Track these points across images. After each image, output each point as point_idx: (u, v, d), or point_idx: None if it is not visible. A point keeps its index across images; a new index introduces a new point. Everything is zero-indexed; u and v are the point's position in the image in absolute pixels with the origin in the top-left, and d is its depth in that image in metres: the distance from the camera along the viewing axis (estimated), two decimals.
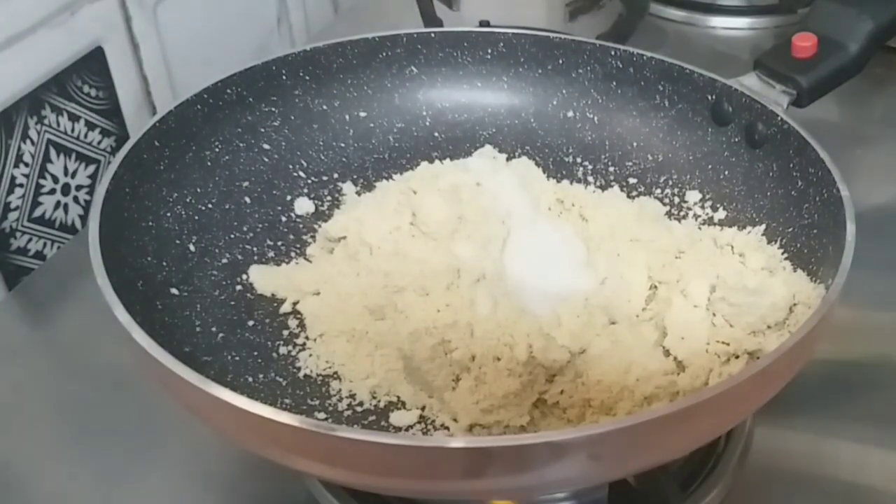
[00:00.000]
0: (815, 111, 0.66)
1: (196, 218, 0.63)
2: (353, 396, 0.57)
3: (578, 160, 0.71)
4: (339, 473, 0.47)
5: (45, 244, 0.79)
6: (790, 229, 0.61)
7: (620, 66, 0.70)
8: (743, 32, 1.05)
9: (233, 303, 0.62)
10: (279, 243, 0.67)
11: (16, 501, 0.60)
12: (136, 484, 0.60)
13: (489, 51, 0.72)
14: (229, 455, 0.61)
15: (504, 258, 0.63)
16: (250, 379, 0.58)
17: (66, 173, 0.80)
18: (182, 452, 0.62)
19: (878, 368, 0.66)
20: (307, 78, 0.70)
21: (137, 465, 0.61)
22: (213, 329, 0.59)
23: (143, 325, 0.48)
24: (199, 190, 0.64)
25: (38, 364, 0.69)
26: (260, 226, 0.67)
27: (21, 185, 0.76)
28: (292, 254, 0.66)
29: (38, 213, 0.78)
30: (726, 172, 0.66)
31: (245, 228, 0.66)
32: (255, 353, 0.59)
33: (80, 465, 0.62)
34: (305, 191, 0.70)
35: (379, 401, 0.57)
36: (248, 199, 0.67)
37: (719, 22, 1.05)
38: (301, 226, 0.68)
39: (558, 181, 0.70)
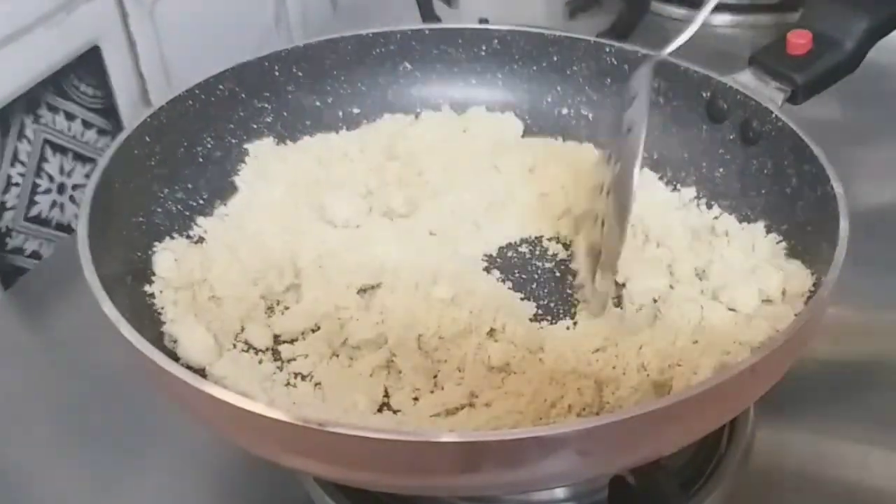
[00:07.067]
0: (815, 109, 0.66)
1: (187, 214, 0.63)
2: None
3: None
4: (331, 470, 0.47)
5: (41, 243, 0.79)
6: (785, 226, 0.61)
7: (615, 62, 0.70)
8: (743, 30, 1.04)
9: None
10: None
11: (15, 501, 0.60)
12: (134, 483, 0.60)
13: (483, 47, 0.72)
14: (227, 455, 0.61)
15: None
16: None
17: (62, 172, 0.80)
18: (180, 452, 0.62)
19: (878, 368, 0.66)
20: (300, 74, 0.70)
21: (135, 464, 0.61)
22: None
23: (132, 320, 0.48)
24: (190, 186, 0.64)
25: (35, 363, 0.69)
26: None
27: (17, 185, 0.76)
28: None
29: (34, 212, 0.78)
30: (721, 170, 0.66)
31: None
32: None
33: (77, 465, 0.62)
34: None
35: None
36: None
37: (720, 19, 1.05)
38: None
39: None
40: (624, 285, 0.60)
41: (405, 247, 0.63)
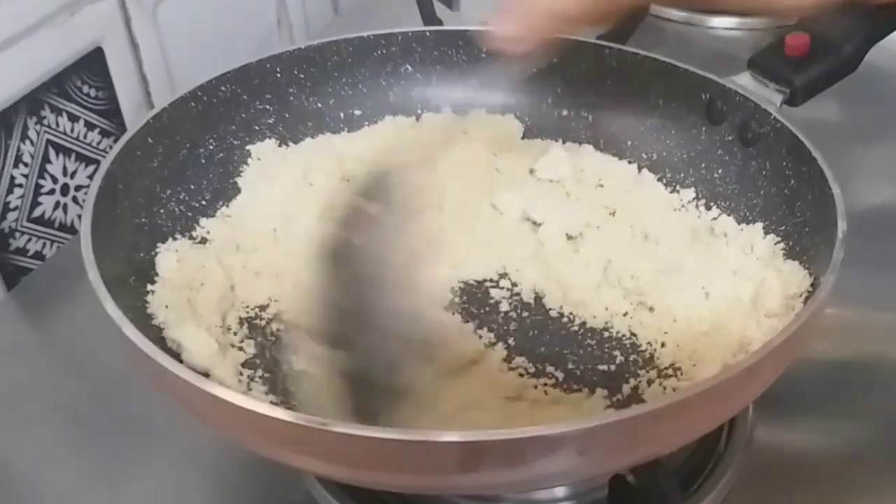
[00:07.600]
0: (815, 111, 0.66)
1: (189, 215, 0.64)
2: None
3: None
4: (333, 469, 0.47)
5: (44, 244, 0.79)
6: (783, 227, 0.61)
7: (615, 64, 0.70)
8: (743, 32, 1.05)
9: None
10: None
11: (15, 501, 0.60)
12: (135, 484, 0.60)
13: (484, 49, 0.72)
14: (228, 455, 0.61)
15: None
16: None
17: (65, 173, 0.80)
18: (181, 452, 0.62)
19: (877, 368, 0.66)
20: (302, 76, 0.70)
21: (136, 464, 0.61)
22: None
23: (135, 320, 0.48)
24: (192, 187, 0.65)
25: (38, 364, 0.69)
26: None
27: (20, 186, 0.76)
28: None
29: (37, 213, 0.78)
30: (720, 171, 0.66)
31: None
32: None
33: (79, 465, 0.62)
34: None
35: None
36: None
37: (719, 22, 1.05)
38: None
39: None
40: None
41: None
